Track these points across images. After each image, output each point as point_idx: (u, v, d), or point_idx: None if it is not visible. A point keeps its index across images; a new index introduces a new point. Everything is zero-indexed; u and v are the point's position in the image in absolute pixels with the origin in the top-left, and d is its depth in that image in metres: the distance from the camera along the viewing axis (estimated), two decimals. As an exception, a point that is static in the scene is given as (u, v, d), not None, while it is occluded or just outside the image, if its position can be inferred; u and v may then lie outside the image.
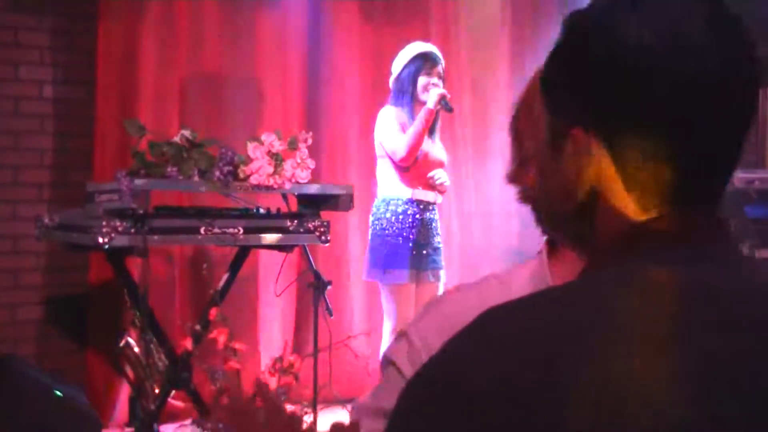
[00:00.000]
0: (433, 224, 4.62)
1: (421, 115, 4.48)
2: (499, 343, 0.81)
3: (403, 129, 4.49)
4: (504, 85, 5.95)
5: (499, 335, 0.82)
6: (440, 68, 4.62)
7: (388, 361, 1.40)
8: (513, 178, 1.32)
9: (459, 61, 5.74)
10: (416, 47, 4.65)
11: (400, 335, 1.42)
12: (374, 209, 4.64)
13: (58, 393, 1.90)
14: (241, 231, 3.87)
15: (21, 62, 4.77)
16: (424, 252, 4.56)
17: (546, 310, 0.83)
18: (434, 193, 4.61)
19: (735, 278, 0.88)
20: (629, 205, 0.91)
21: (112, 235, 3.61)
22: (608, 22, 0.90)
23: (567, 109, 0.94)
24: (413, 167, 4.56)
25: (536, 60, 5.67)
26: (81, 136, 4.82)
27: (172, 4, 4.90)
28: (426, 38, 5.10)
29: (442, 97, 4.49)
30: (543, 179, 1.02)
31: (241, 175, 3.86)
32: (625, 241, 0.90)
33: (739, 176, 4.93)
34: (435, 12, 5.71)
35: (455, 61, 5.70)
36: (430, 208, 4.62)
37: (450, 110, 4.58)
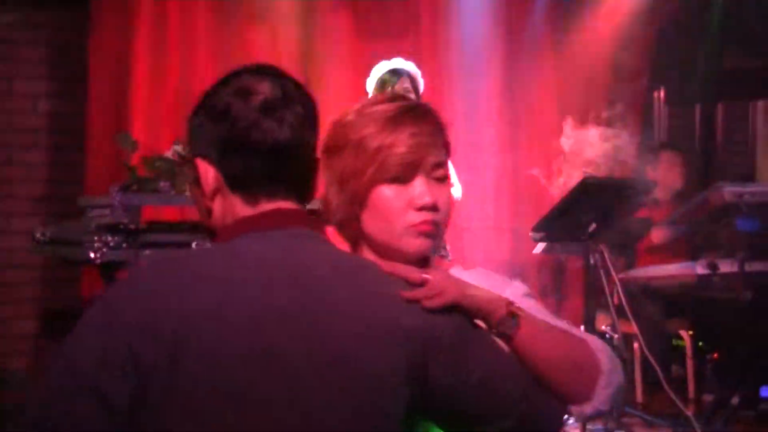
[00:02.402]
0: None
1: None
2: (139, 289, 1.33)
3: None
4: (496, 97, 5.96)
5: (139, 283, 1.35)
6: (407, 81, 4.48)
7: None
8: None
9: (450, 74, 5.76)
10: (379, 69, 4.53)
11: None
12: None
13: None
14: (234, 245, 3.86)
15: (15, 77, 4.78)
16: None
17: (176, 265, 1.41)
18: None
19: (303, 249, 1.41)
20: (237, 204, 1.44)
21: (104, 249, 3.61)
22: (218, 101, 1.42)
23: (193, 149, 1.45)
24: None
25: (528, 72, 5.67)
26: (74, 150, 4.83)
27: (164, 19, 4.91)
28: (418, 53, 5.10)
29: None
30: (195, 203, 1.53)
31: (234, 190, 3.87)
32: (235, 227, 1.43)
33: (730, 190, 4.94)
34: (426, 27, 5.72)
35: (447, 74, 5.72)
36: None
37: None
